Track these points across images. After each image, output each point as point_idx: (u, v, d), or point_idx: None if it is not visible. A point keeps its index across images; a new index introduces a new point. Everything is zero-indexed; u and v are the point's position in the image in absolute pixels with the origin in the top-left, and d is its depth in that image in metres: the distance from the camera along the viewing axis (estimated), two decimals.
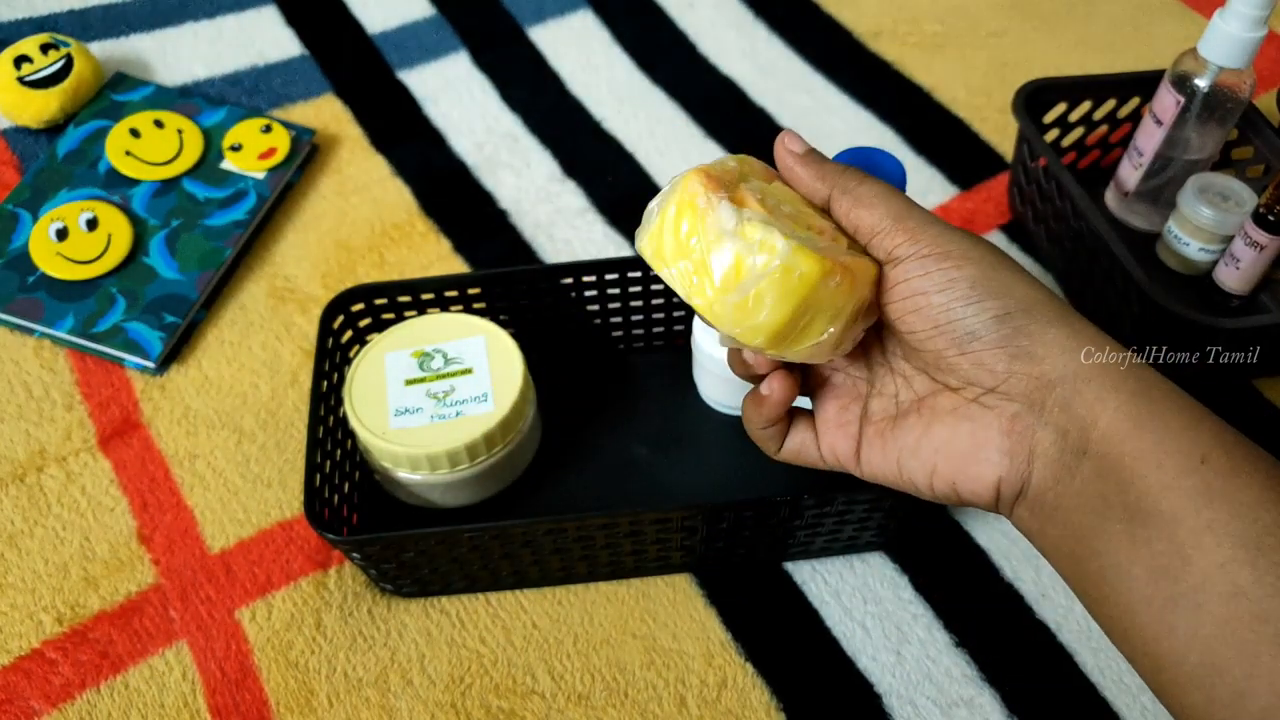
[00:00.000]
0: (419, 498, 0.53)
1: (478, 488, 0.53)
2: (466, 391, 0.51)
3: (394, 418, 0.50)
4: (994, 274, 0.32)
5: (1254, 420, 0.62)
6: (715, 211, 0.32)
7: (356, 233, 0.70)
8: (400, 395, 0.51)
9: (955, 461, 0.34)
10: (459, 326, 0.54)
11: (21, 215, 0.68)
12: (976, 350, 0.32)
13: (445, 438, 0.49)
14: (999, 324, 0.32)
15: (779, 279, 0.31)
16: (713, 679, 0.51)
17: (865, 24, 0.86)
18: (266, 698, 0.51)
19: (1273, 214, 0.58)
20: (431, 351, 0.53)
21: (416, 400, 0.51)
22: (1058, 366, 0.31)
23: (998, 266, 0.32)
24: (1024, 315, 0.32)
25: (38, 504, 0.57)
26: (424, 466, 0.49)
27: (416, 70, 0.81)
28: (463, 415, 0.50)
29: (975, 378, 0.33)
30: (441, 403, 0.51)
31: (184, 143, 0.72)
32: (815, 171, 0.35)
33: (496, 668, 0.52)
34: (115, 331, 0.63)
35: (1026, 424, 0.32)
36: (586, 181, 0.74)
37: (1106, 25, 0.86)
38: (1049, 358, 0.31)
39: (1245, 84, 0.60)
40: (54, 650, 0.52)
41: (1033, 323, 0.32)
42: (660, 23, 0.86)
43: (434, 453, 0.49)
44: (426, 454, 0.49)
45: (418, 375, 0.52)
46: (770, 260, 0.31)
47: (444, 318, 0.55)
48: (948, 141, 0.77)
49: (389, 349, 0.53)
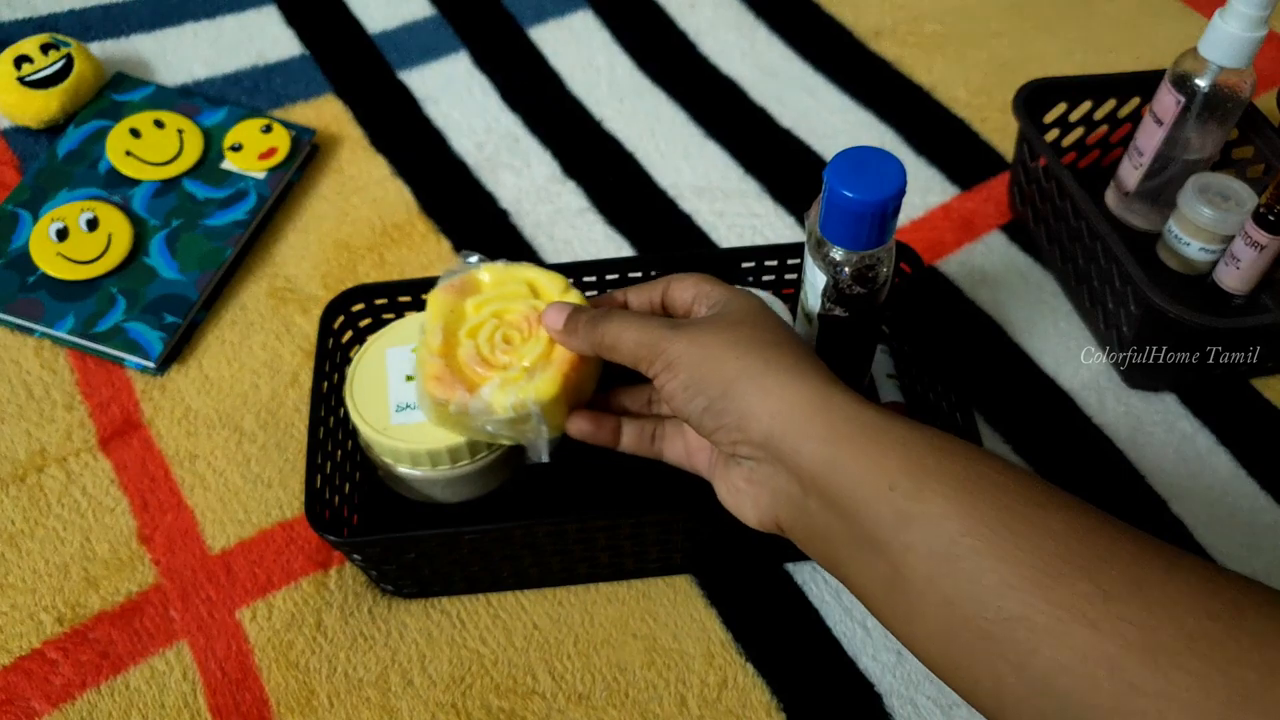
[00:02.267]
0: (420, 493, 0.52)
1: (479, 483, 0.53)
2: None
3: (395, 413, 0.50)
4: (700, 370, 0.38)
5: (1254, 420, 0.62)
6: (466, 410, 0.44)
7: (356, 233, 0.70)
8: (401, 391, 0.51)
9: (737, 502, 0.40)
10: None
11: (22, 215, 0.68)
12: (708, 431, 0.39)
13: (445, 433, 0.49)
14: (709, 414, 0.38)
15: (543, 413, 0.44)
16: (713, 679, 0.51)
17: (865, 24, 0.86)
18: (267, 698, 0.51)
19: (1273, 214, 0.58)
20: None
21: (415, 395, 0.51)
22: (760, 431, 0.37)
23: (704, 362, 0.38)
24: (723, 399, 0.38)
25: (38, 504, 0.57)
26: (424, 462, 0.49)
27: (416, 70, 0.81)
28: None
29: (724, 447, 0.39)
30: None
31: (184, 143, 0.72)
32: (573, 340, 0.43)
33: (497, 668, 0.52)
34: (115, 331, 0.63)
35: (765, 474, 0.38)
36: (586, 181, 0.74)
37: (1106, 25, 0.86)
38: (750, 426, 0.37)
39: (1245, 84, 0.60)
40: (54, 650, 0.52)
41: (729, 402, 0.37)
42: (660, 23, 0.86)
43: (434, 448, 0.49)
44: (427, 449, 0.49)
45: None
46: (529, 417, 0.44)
47: None
48: (948, 141, 0.77)
49: (390, 344, 0.53)
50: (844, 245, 0.43)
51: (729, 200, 0.73)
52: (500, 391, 0.44)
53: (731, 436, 0.38)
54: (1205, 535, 0.57)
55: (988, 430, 0.61)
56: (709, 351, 0.38)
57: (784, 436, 0.36)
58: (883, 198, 0.40)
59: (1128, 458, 0.60)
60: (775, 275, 0.58)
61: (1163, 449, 0.60)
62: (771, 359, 0.38)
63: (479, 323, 0.46)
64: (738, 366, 0.37)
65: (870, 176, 0.41)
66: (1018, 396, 0.63)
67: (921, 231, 0.71)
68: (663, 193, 0.73)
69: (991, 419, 0.61)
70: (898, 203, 0.41)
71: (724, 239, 0.71)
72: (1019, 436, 0.61)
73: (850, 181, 0.41)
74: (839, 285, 0.45)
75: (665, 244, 0.70)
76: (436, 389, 0.45)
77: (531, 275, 0.48)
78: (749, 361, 0.38)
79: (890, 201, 0.41)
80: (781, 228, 0.71)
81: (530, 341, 0.45)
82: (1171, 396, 0.63)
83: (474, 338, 0.46)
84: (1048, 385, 0.63)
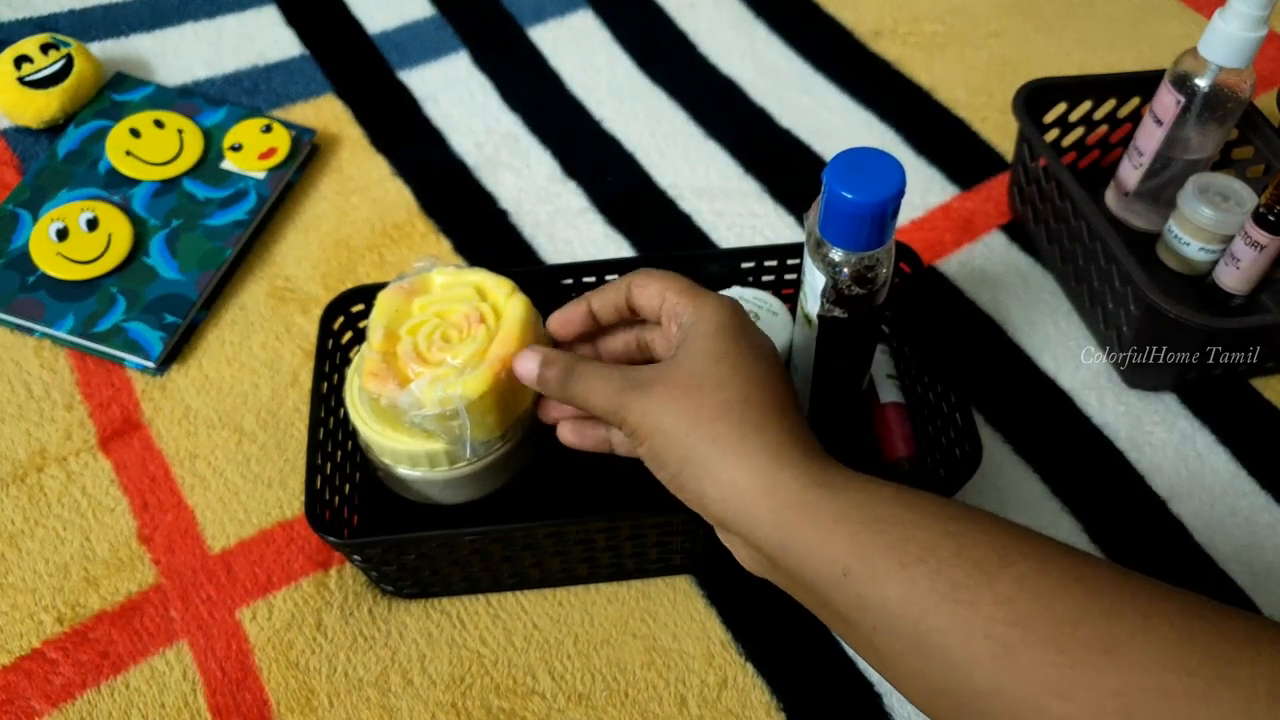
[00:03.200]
0: (419, 494, 0.52)
1: (478, 484, 0.53)
2: None
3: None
4: (657, 443, 0.38)
5: (1254, 420, 0.62)
6: (396, 404, 0.45)
7: (356, 233, 0.70)
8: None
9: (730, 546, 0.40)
10: None
11: (22, 215, 0.68)
12: (680, 498, 0.39)
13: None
14: (674, 485, 0.39)
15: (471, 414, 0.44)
16: (713, 679, 0.51)
17: (865, 24, 0.86)
18: (267, 698, 0.51)
19: (1273, 214, 0.58)
20: None
21: None
22: (715, 513, 0.37)
23: (659, 434, 0.38)
24: (679, 476, 0.38)
25: (38, 504, 0.57)
26: (423, 463, 0.49)
27: (416, 70, 0.81)
28: None
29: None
30: None
31: (184, 143, 0.72)
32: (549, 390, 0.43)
33: (497, 668, 0.52)
34: (115, 331, 0.63)
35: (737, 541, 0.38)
36: (586, 181, 0.74)
37: (1106, 25, 0.86)
38: (707, 506, 0.37)
39: (1245, 84, 0.60)
40: (54, 650, 0.52)
41: (686, 479, 0.38)
42: (660, 23, 0.86)
43: (433, 449, 0.49)
44: (426, 450, 0.49)
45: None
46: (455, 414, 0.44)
47: None
48: (948, 141, 0.77)
49: None
50: (843, 246, 0.43)
51: (729, 200, 0.73)
52: (430, 387, 0.44)
53: (696, 510, 0.38)
54: (1205, 535, 0.57)
55: (988, 430, 0.61)
56: (663, 424, 0.38)
57: (736, 521, 0.36)
58: (882, 198, 0.40)
59: (1127, 458, 0.60)
60: (775, 275, 0.58)
61: (1163, 449, 0.60)
62: (719, 435, 0.37)
63: (420, 321, 0.47)
64: (688, 444, 0.37)
65: (869, 177, 0.41)
66: (1018, 396, 0.63)
67: (921, 231, 0.71)
68: (663, 193, 0.73)
69: (991, 419, 0.61)
70: (897, 204, 0.41)
71: (724, 239, 0.71)
72: (1019, 436, 0.61)
73: (849, 182, 0.41)
74: (838, 286, 0.45)
75: (665, 244, 0.70)
76: (370, 383, 0.46)
77: (479, 279, 0.49)
78: (698, 439, 0.37)
79: (889, 202, 0.41)
80: (781, 228, 0.71)
81: (466, 341, 0.46)
82: (1171, 396, 0.63)
83: (414, 335, 0.47)
84: (1048, 385, 0.63)
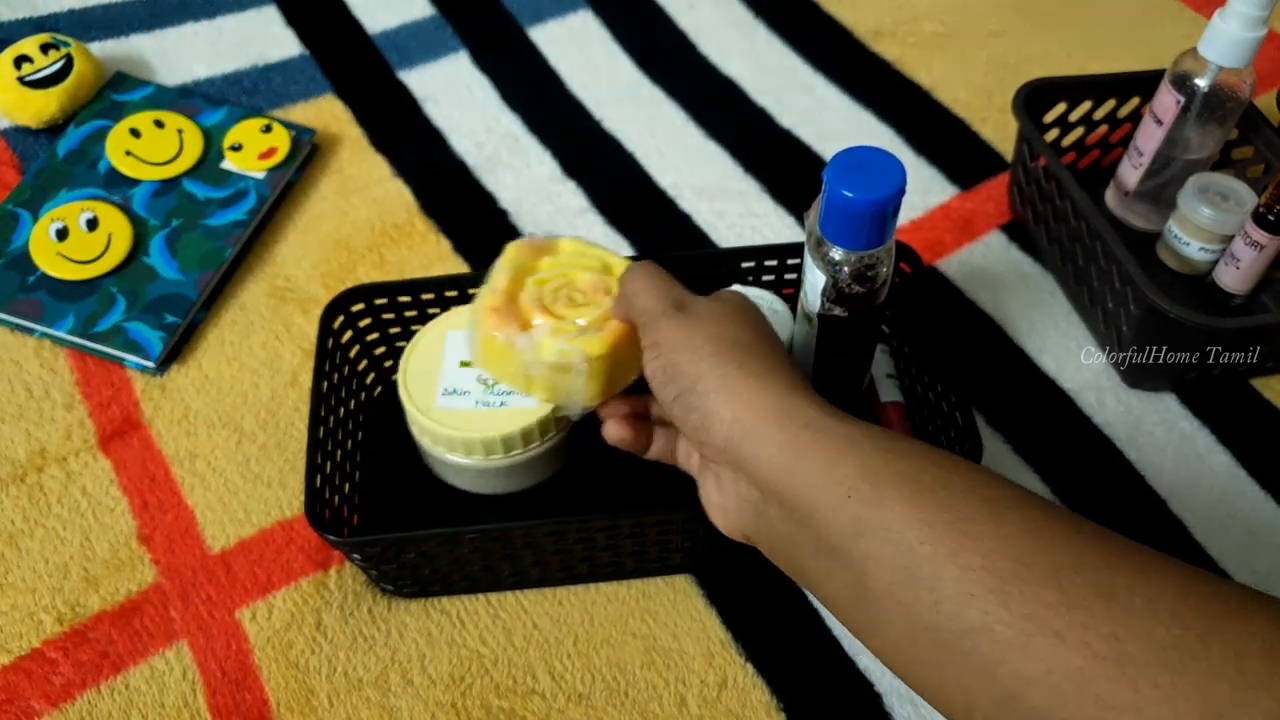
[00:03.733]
0: (456, 478, 0.52)
1: (510, 479, 0.52)
2: None
3: (441, 397, 0.50)
4: (677, 357, 0.38)
5: (1254, 420, 0.62)
6: (513, 345, 0.45)
7: (356, 233, 0.70)
8: (452, 376, 0.51)
9: (710, 510, 0.40)
10: None
11: (21, 215, 0.68)
12: (678, 420, 0.38)
13: (485, 425, 0.49)
14: (678, 403, 0.38)
15: (585, 372, 0.44)
16: (713, 679, 0.51)
17: (865, 24, 0.86)
18: (267, 698, 0.51)
19: (1273, 214, 0.58)
20: None
21: (466, 383, 0.51)
22: (721, 433, 0.36)
23: (682, 349, 0.38)
24: (690, 393, 0.37)
25: (38, 504, 0.57)
26: (459, 449, 0.49)
27: (416, 70, 0.81)
28: (507, 405, 0.49)
29: (691, 443, 0.39)
30: (489, 390, 0.50)
31: (184, 143, 0.72)
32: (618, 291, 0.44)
33: (497, 668, 0.52)
34: (115, 331, 0.63)
35: (729, 479, 0.38)
36: (586, 181, 0.74)
37: (1106, 25, 0.86)
38: (713, 426, 0.36)
39: (1245, 84, 0.60)
40: (54, 650, 0.52)
41: (696, 398, 0.37)
42: (660, 23, 0.86)
43: (469, 438, 0.48)
44: (463, 438, 0.48)
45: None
46: (569, 368, 0.44)
47: None
48: (948, 141, 0.77)
49: (454, 327, 0.53)
50: (844, 245, 0.43)
51: (729, 200, 0.73)
52: (551, 336, 0.44)
53: (697, 435, 0.37)
54: (1205, 535, 0.57)
55: (988, 430, 0.61)
56: (691, 340, 0.38)
57: (743, 442, 0.36)
58: (883, 197, 0.40)
59: (1127, 458, 0.60)
60: (775, 275, 0.58)
61: (1162, 449, 0.60)
62: (745, 363, 0.37)
63: (548, 277, 0.47)
64: (711, 363, 0.37)
65: (870, 176, 0.41)
66: (1018, 396, 0.63)
67: (921, 231, 0.71)
68: (663, 193, 0.73)
69: (991, 419, 0.61)
70: (898, 202, 0.41)
71: (724, 239, 0.71)
72: (1019, 436, 0.61)
73: (850, 181, 0.41)
74: (839, 285, 0.45)
75: (665, 244, 0.70)
76: (492, 319, 0.45)
77: (606, 255, 0.48)
78: (721, 360, 0.37)
79: (890, 201, 0.41)
80: (781, 228, 0.71)
81: (591, 306, 0.46)
82: (1171, 396, 0.63)
83: (540, 287, 0.47)
84: (1048, 385, 0.63)
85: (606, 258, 0.48)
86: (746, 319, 0.40)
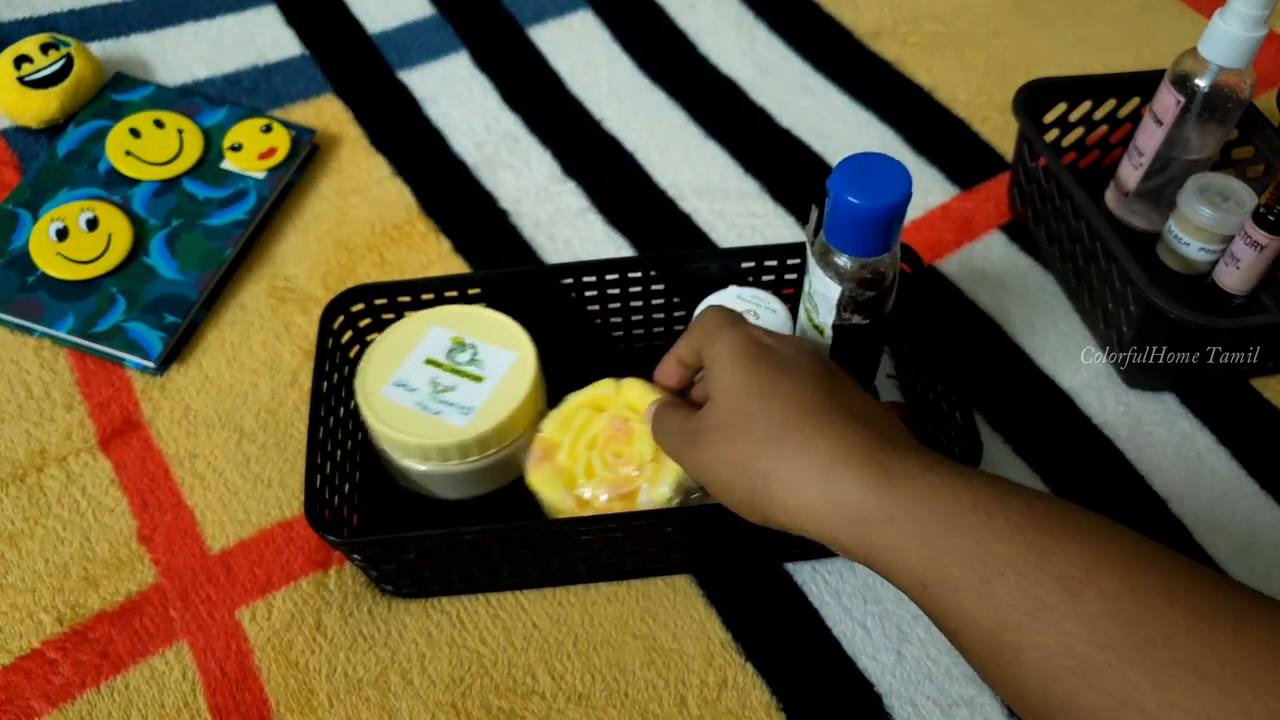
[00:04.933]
0: (423, 488, 0.52)
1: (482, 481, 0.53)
2: (461, 397, 0.50)
3: (389, 386, 0.50)
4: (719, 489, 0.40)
5: (1254, 420, 0.62)
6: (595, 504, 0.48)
7: (356, 233, 0.70)
8: (412, 369, 0.51)
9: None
10: (504, 334, 0.53)
11: (21, 215, 0.68)
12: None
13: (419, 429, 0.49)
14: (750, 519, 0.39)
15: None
16: (713, 679, 0.51)
17: (865, 24, 0.86)
18: (266, 698, 0.51)
19: (1273, 214, 0.58)
20: (469, 344, 0.53)
21: (420, 380, 0.51)
22: (796, 532, 0.37)
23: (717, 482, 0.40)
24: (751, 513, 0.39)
25: (38, 504, 0.57)
26: (433, 457, 0.49)
27: (416, 70, 0.81)
28: (440, 417, 0.50)
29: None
30: (434, 395, 0.50)
31: (184, 143, 0.72)
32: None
33: (497, 668, 0.52)
34: (115, 331, 0.63)
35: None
36: (586, 181, 0.74)
37: (1106, 25, 0.86)
38: (791, 530, 0.38)
39: (1245, 84, 0.60)
40: (54, 650, 0.52)
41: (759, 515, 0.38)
42: (660, 23, 0.86)
43: (442, 444, 0.48)
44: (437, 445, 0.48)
45: (440, 359, 0.52)
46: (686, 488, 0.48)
47: (502, 320, 0.54)
48: (948, 141, 0.77)
49: (436, 322, 0.53)
50: (852, 252, 0.43)
51: (729, 200, 0.73)
52: (653, 489, 0.47)
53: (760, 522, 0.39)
54: (1205, 535, 0.57)
55: (988, 430, 0.61)
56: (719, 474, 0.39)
57: (817, 537, 0.37)
58: (891, 203, 0.40)
59: (1127, 458, 0.60)
60: (775, 275, 0.58)
61: (1163, 449, 0.60)
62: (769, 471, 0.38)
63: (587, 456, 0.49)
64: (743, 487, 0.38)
65: (876, 182, 0.41)
66: (1018, 396, 0.63)
67: (921, 232, 0.71)
68: (663, 193, 0.73)
69: (991, 419, 0.61)
70: (904, 208, 0.41)
71: (724, 239, 0.71)
72: (1019, 437, 0.60)
73: (856, 188, 0.40)
74: (851, 293, 0.45)
75: (665, 244, 0.70)
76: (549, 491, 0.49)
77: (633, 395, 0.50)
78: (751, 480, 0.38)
79: (898, 207, 0.41)
80: (781, 228, 0.71)
81: (635, 438, 0.48)
82: (1171, 396, 0.63)
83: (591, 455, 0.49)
84: (1048, 385, 0.63)
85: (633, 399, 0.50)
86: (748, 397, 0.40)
